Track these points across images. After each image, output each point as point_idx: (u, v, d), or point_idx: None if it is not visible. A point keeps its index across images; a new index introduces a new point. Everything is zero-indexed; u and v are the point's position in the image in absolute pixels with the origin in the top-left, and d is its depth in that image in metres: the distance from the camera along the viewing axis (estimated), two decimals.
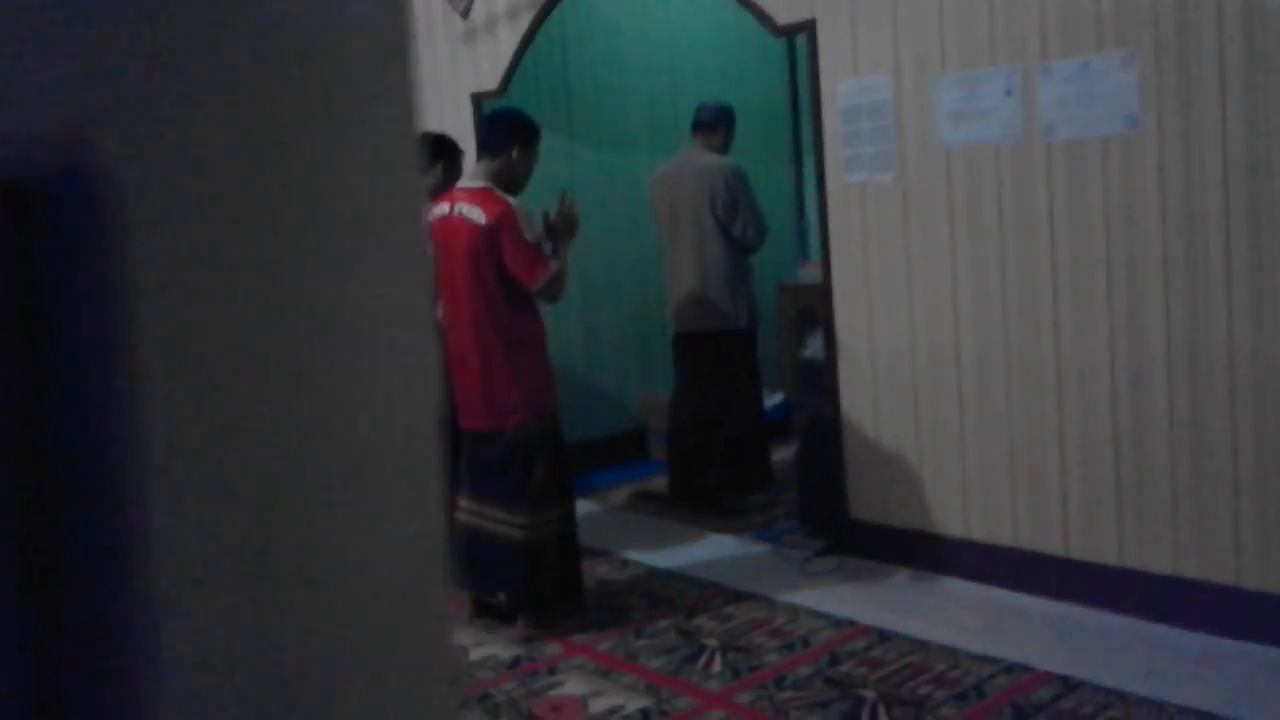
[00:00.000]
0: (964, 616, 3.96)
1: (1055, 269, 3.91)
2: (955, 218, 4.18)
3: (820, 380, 6.82)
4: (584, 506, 5.70)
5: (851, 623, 3.99)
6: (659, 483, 5.95)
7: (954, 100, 4.17)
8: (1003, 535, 4.16)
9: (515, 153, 4.19)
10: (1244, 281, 3.48)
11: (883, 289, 4.45)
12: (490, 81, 6.10)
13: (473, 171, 4.25)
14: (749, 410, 5.65)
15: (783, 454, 6.28)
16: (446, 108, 6.44)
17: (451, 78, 6.42)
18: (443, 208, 4.22)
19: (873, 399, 4.55)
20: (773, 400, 6.77)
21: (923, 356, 4.35)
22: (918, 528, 4.44)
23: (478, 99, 6.16)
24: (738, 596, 4.35)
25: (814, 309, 6.94)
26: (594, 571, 4.74)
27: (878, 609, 4.09)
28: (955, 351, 4.23)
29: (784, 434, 6.71)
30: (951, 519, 4.33)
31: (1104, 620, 3.80)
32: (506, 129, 4.21)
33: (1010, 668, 3.51)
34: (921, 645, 3.75)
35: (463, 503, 4.29)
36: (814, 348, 7.01)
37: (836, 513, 4.71)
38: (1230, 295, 3.51)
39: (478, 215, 4.06)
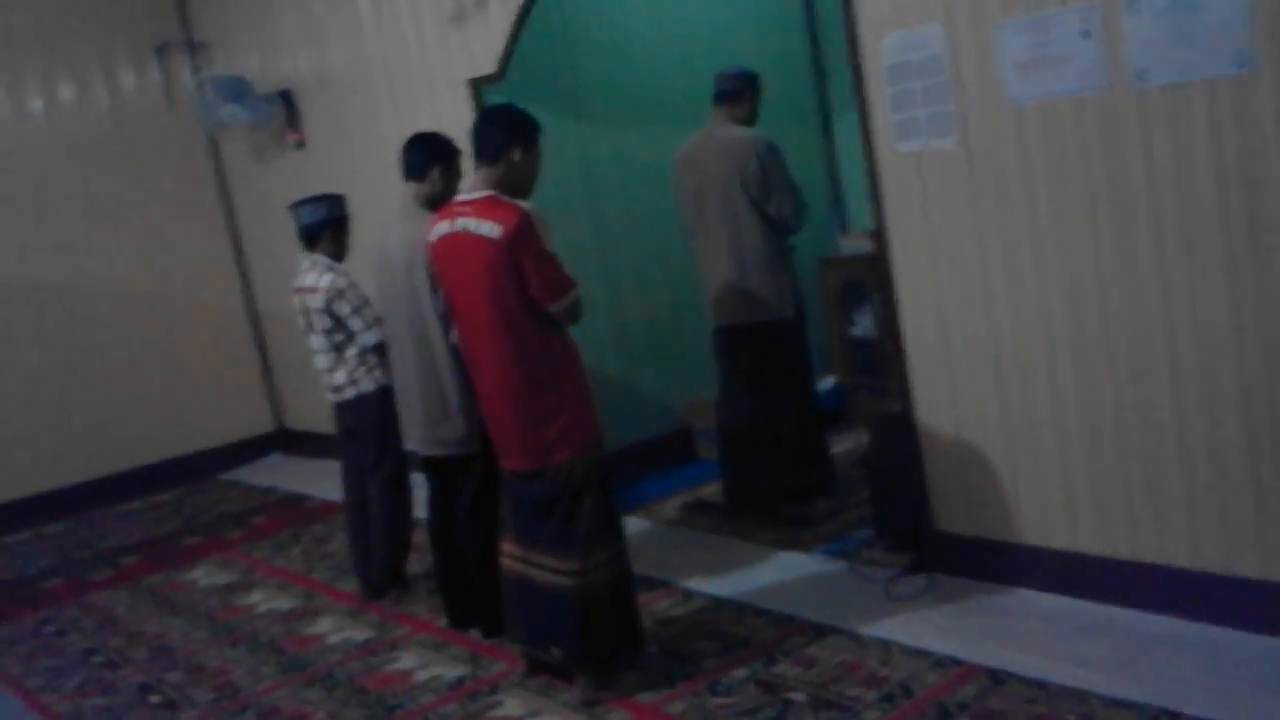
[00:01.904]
0: (1084, 646, 3.46)
1: (1160, 241, 3.36)
2: (1034, 186, 3.63)
3: (874, 360, 6.35)
4: (633, 525, 5.24)
5: (955, 661, 3.49)
6: (712, 489, 5.45)
7: (1021, 48, 3.61)
8: (1119, 547, 3.65)
9: (517, 155, 3.66)
10: None
11: (953, 270, 3.92)
12: (487, 64, 5.55)
13: (470, 182, 3.72)
14: (804, 406, 5.13)
15: (842, 445, 5.79)
16: (442, 97, 5.91)
17: (444, 63, 5.87)
18: (443, 225, 3.70)
19: (951, 393, 4.03)
20: (823, 385, 6.27)
21: (1007, 344, 3.82)
22: (1016, 540, 3.93)
23: (476, 84, 5.61)
24: (819, 632, 3.86)
25: (861, 283, 6.43)
26: (653, 608, 4.27)
27: (982, 641, 3.59)
28: (1047, 338, 3.70)
29: (840, 422, 6.22)
30: (1055, 529, 3.82)
31: (1252, 645, 3.29)
32: (502, 130, 3.67)
33: (1156, 717, 3.01)
34: (1043, 688, 3.25)
35: (507, 547, 3.82)
36: (863, 325, 6.50)
37: (919, 524, 4.21)
38: None
39: (489, 229, 3.54)
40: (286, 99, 7.19)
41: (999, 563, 3.98)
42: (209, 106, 7.12)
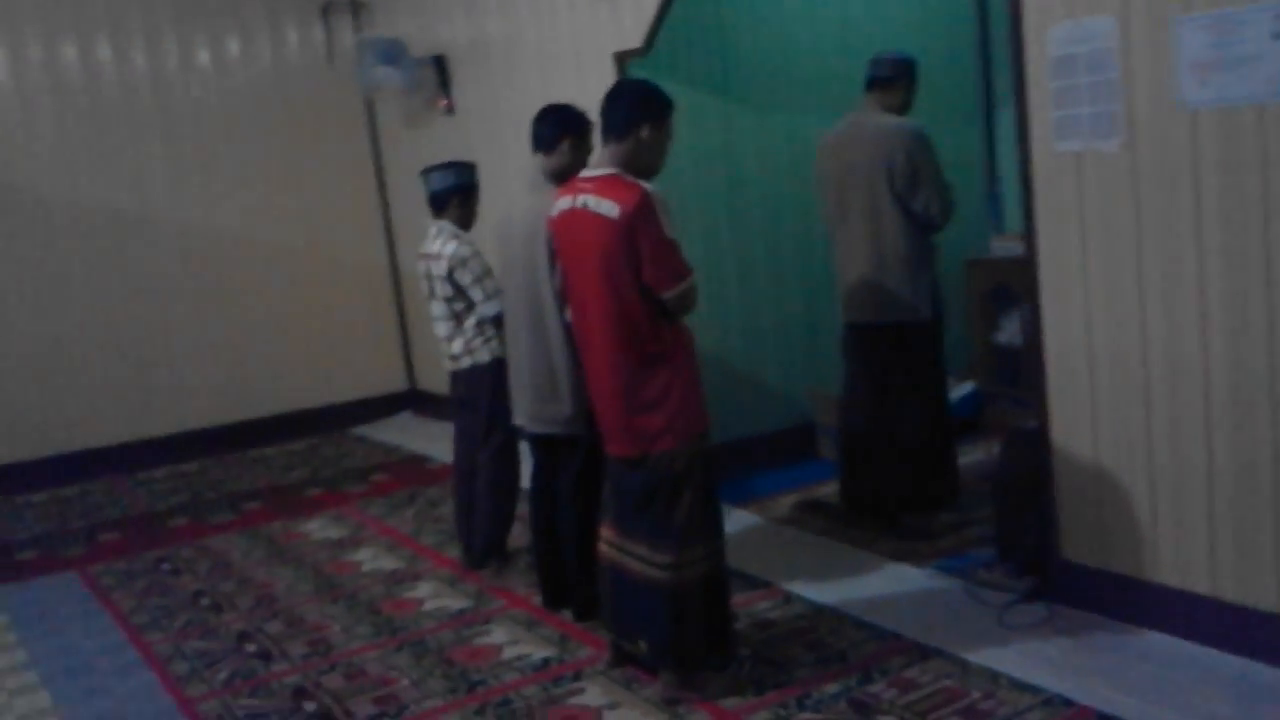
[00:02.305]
0: (1211, 699, 3.16)
1: None
2: (1203, 199, 3.31)
3: (1017, 369, 6.00)
4: (743, 519, 5.08)
5: (1067, 702, 3.23)
6: (829, 490, 5.24)
7: (1201, 47, 3.29)
8: (1263, 597, 3.32)
9: (645, 132, 3.52)
10: None
11: (1105, 282, 3.62)
12: (634, 38, 5.43)
13: (597, 158, 3.61)
14: (933, 413, 4.87)
15: (973, 455, 5.50)
16: (587, 70, 5.82)
17: (591, 35, 5.78)
18: (564, 200, 3.60)
19: (1091, 413, 3.74)
20: (961, 391, 5.97)
21: (1158, 367, 3.51)
22: (1148, 578, 3.62)
23: (621, 58, 5.50)
24: (923, 653, 3.64)
25: (1009, 288, 6.09)
26: (750, 608, 4.11)
27: (1099, 682, 3.32)
28: (1204, 365, 3.38)
29: (973, 430, 5.93)
30: (1193, 570, 3.50)
31: None
32: (630, 105, 3.53)
33: None
34: None
35: (604, 532, 3.72)
36: (1009, 331, 6.16)
37: (1044, 549, 3.93)
38: None
39: (609, 208, 3.42)
40: (439, 64, 7.22)
41: (1127, 600, 3.68)
42: (364, 67, 7.20)
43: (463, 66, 7.13)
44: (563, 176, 3.93)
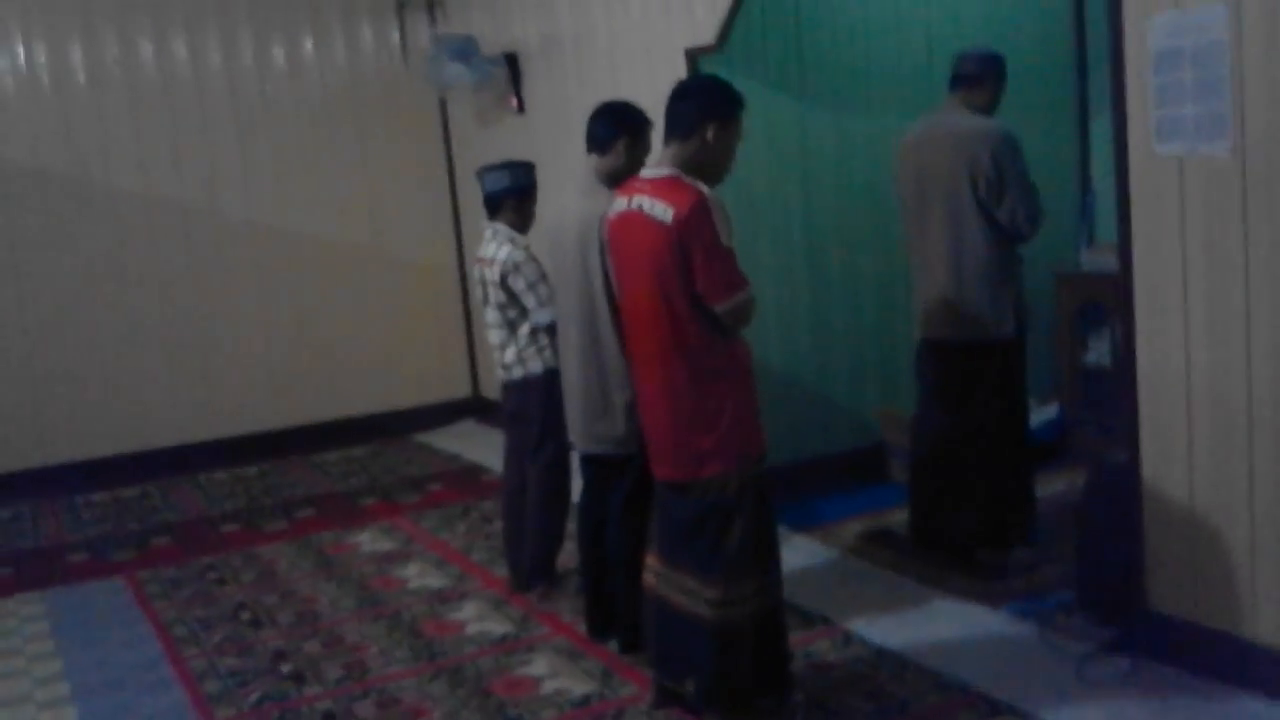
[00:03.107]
0: None
1: None
2: None
3: (1106, 393, 5.60)
4: (805, 547, 4.79)
5: None
6: (898, 518, 4.91)
7: None
8: None
9: (711, 132, 3.26)
10: None
11: (1209, 303, 3.26)
12: (707, 34, 5.17)
13: (658, 158, 3.36)
14: (1013, 439, 4.51)
15: (1054, 485, 5.13)
16: (658, 67, 5.56)
17: (663, 31, 5.53)
18: (620, 202, 3.36)
19: (1187, 451, 3.38)
20: (1045, 415, 5.60)
21: (1265, 405, 3.14)
22: (1243, 635, 3.25)
23: (692, 55, 5.24)
24: (991, 708, 3.31)
25: (1101, 305, 5.69)
26: (808, 647, 3.82)
27: None
28: None
29: (1057, 457, 5.54)
30: None
31: None
32: (698, 103, 3.28)
33: None
34: None
35: (651, 561, 3.47)
36: (1099, 352, 5.75)
37: (1129, 596, 3.57)
38: None
39: (663, 211, 3.17)
40: (511, 62, 7.04)
41: (1220, 658, 3.31)
42: (436, 64, 7.04)
43: (534, 64, 6.94)
44: (617, 179, 3.69)
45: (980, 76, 4.47)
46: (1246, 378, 3.18)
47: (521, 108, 7.06)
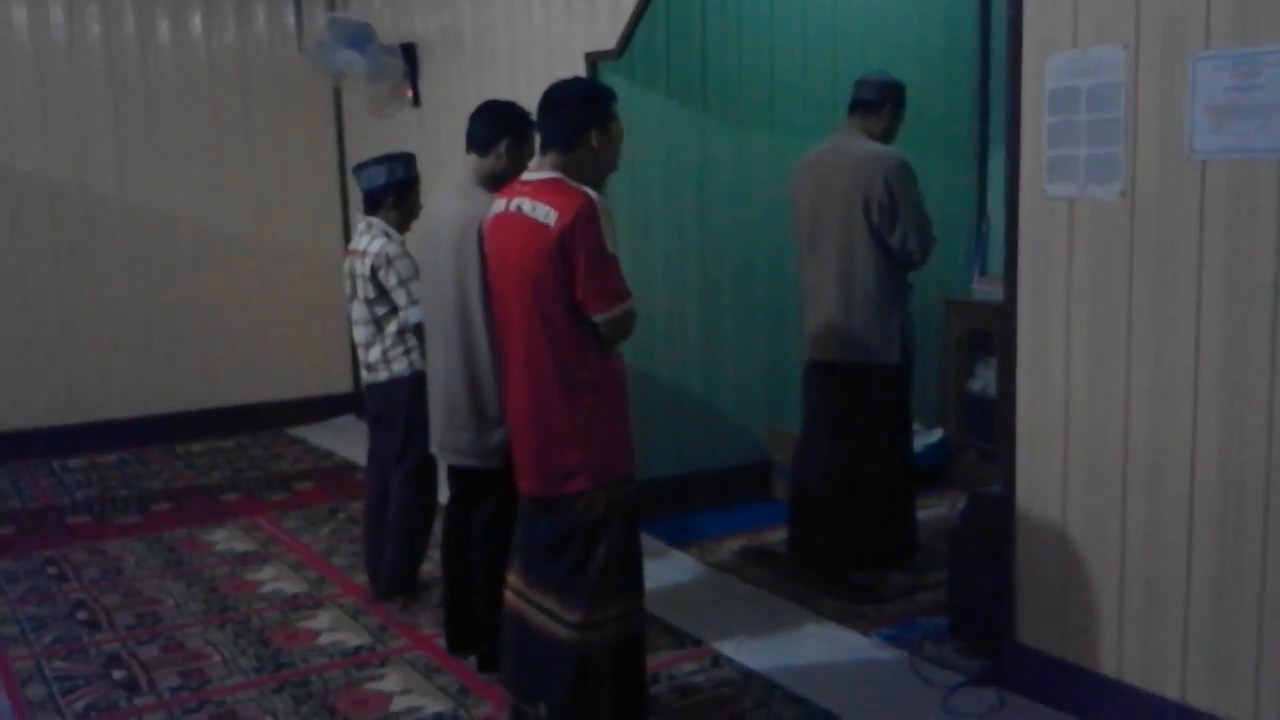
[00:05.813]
0: None
1: None
2: (1207, 260, 2.94)
3: (990, 421, 5.63)
4: (682, 562, 4.69)
5: None
6: (778, 536, 4.84)
7: (1220, 88, 2.92)
8: (1237, 710, 2.94)
9: (595, 139, 3.12)
10: None
11: (1091, 342, 3.25)
12: (608, 40, 5.05)
13: (537, 162, 3.21)
14: (894, 463, 4.48)
15: (936, 508, 5.13)
16: (559, 69, 5.41)
17: (564, 34, 5.39)
18: (499, 204, 3.21)
19: (1062, 485, 3.36)
20: (929, 438, 5.60)
21: (1140, 447, 3.13)
22: (1111, 674, 3.24)
23: (593, 59, 5.12)
24: None
25: (988, 334, 5.71)
26: (673, 668, 3.71)
27: None
28: (1191, 447, 3.00)
29: (939, 480, 5.56)
30: (1162, 672, 3.12)
31: None
32: (575, 113, 3.10)
33: None
34: None
35: (512, 578, 3.31)
36: (985, 380, 5.77)
37: (999, 629, 3.54)
38: None
39: (545, 214, 3.02)
40: (409, 53, 6.82)
41: (1087, 696, 3.29)
42: (328, 49, 6.78)
43: (432, 57, 6.74)
44: (497, 182, 3.51)
45: (879, 102, 4.45)
46: (1124, 421, 3.16)
47: (417, 101, 6.85)
